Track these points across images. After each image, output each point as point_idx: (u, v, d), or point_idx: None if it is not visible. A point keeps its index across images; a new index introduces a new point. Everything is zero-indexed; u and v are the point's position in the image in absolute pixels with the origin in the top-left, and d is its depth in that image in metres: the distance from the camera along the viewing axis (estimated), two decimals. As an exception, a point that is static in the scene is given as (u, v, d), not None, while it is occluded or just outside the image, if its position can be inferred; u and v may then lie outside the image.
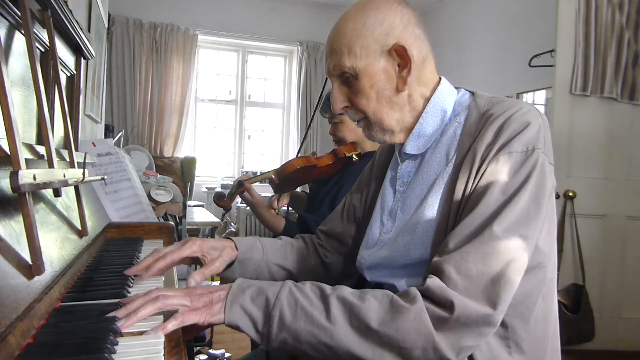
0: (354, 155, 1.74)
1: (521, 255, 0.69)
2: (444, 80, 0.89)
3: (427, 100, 0.86)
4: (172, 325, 0.64)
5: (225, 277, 0.97)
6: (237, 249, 0.95)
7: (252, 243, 0.99)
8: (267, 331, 0.67)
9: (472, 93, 0.88)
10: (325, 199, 1.73)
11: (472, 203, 0.73)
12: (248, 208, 4.35)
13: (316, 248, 1.08)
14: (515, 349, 0.76)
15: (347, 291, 0.70)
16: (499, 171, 0.73)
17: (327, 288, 0.71)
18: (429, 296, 0.67)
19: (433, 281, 0.68)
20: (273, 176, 1.79)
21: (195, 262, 0.92)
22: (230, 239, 0.97)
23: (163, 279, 0.89)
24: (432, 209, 0.80)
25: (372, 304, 0.67)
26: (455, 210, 0.76)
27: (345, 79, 0.84)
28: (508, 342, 0.76)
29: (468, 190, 0.76)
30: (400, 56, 0.82)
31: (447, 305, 0.66)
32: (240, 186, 1.74)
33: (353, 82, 0.83)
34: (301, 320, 0.67)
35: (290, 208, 2.01)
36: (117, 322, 0.63)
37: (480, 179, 0.74)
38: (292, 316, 0.67)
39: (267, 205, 1.87)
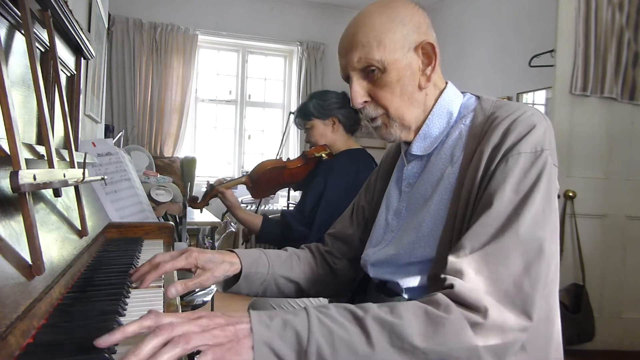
0: (323, 155, 1.79)
1: (541, 257, 0.69)
2: (450, 84, 0.91)
3: (436, 101, 0.88)
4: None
5: (231, 292, 0.96)
6: (240, 264, 0.94)
7: (257, 256, 0.97)
8: None
9: (478, 97, 0.89)
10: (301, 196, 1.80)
11: (485, 203, 0.73)
12: (248, 208, 4.35)
13: (323, 256, 1.07)
14: (519, 348, 0.77)
15: (378, 310, 0.65)
16: (509, 171, 0.73)
17: (356, 309, 0.65)
18: (459, 301, 0.65)
19: (460, 284, 0.66)
20: (245, 180, 1.82)
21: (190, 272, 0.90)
22: (234, 253, 0.95)
23: (163, 280, 0.89)
24: (437, 208, 0.81)
25: (410, 320, 0.63)
26: (463, 210, 0.77)
27: (369, 73, 0.84)
28: None
29: (475, 191, 0.76)
30: (426, 54, 0.84)
31: (481, 309, 0.64)
32: (212, 189, 1.79)
33: (378, 76, 0.83)
34: (342, 352, 0.60)
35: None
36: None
37: (490, 180, 0.74)
38: (331, 349, 0.60)
39: (243, 233, 1.95)
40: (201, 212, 2.05)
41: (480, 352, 0.63)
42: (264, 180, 1.82)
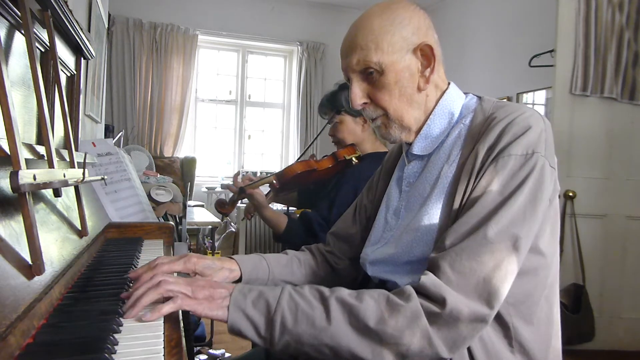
0: (353, 158, 1.73)
1: (514, 256, 0.71)
2: (452, 85, 0.91)
3: (437, 102, 0.88)
4: (169, 307, 0.67)
5: None
6: (240, 270, 0.95)
7: (257, 262, 0.98)
8: (270, 335, 0.69)
9: (480, 97, 0.89)
10: (324, 200, 1.72)
11: (470, 203, 0.75)
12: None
13: (325, 257, 1.07)
14: (518, 348, 0.77)
15: (345, 292, 0.72)
16: (498, 173, 0.74)
17: (326, 290, 0.72)
18: (422, 292, 0.69)
19: (427, 277, 0.70)
20: (274, 181, 1.78)
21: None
22: (233, 259, 0.96)
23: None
24: (435, 207, 0.82)
25: (370, 304, 0.69)
26: (457, 210, 0.78)
27: (368, 75, 0.85)
28: (511, 342, 0.77)
29: (469, 190, 0.77)
30: (424, 56, 0.84)
31: (440, 300, 0.68)
32: (242, 192, 1.73)
33: (377, 78, 0.84)
34: (302, 324, 0.68)
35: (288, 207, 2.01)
36: (124, 309, 0.67)
37: (479, 180, 0.76)
38: (294, 320, 0.68)
39: (246, 210, 1.88)
40: (227, 217, 1.98)
41: (433, 340, 0.67)
42: (292, 182, 1.79)
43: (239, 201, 1.77)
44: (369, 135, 1.76)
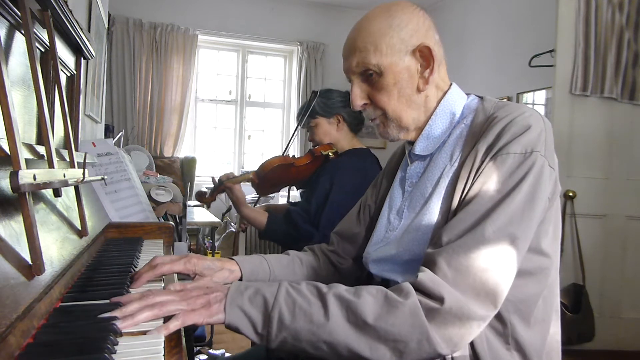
0: (330, 153, 1.78)
1: (512, 255, 0.71)
2: (454, 85, 0.92)
3: (439, 102, 0.89)
4: (174, 325, 0.65)
5: None
6: (240, 271, 0.95)
7: (257, 263, 0.98)
8: (267, 332, 0.68)
9: (481, 98, 0.90)
10: (304, 195, 1.76)
11: (468, 200, 0.76)
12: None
13: (328, 257, 1.07)
14: (514, 346, 0.78)
15: (342, 288, 0.72)
16: (496, 171, 0.75)
17: (323, 287, 0.72)
18: (421, 289, 0.69)
19: (425, 274, 0.70)
20: (252, 176, 1.80)
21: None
22: (233, 260, 0.96)
23: (163, 283, 0.89)
24: (435, 207, 0.82)
25: (368, 300, 0.69)
26: (455, 208, 0.79)
27: (367, 77, 0.87)
28: (507, 339, 0.78)
29: (467, 188, 0.78)
30: (424, 57, 0.85)
31: (438, 297, 0.68)
32: (220, 185, 1.75)
33: (376, 80, 0.86)
34: (300, 320, 0.68)
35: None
36: (115, 322, 0.63)
37: (477, 177, 0.76)
38: (291, 316, 0.68)
39: (237, 223, 1.91)
40: (208, 208, 2.04)
41: (432, 337, 0.67)
42: (270, 177, 1.80)
43: (217, 193, 1.79)
44: (345, 134, 1.82)
